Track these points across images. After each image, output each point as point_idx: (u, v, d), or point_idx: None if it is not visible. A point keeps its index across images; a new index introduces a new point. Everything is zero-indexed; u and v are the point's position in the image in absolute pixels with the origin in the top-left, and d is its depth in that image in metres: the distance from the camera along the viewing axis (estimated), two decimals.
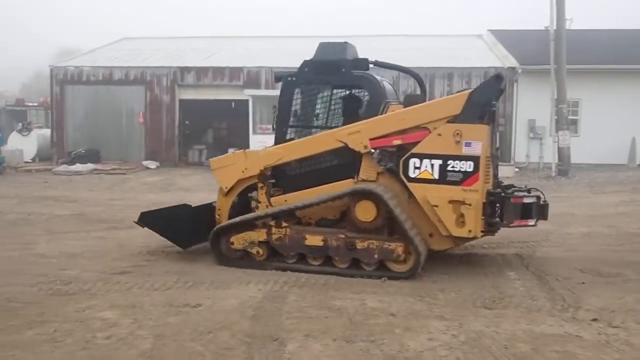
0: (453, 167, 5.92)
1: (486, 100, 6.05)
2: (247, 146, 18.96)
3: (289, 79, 7.20)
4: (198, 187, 14.69)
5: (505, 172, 17.53)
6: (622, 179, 16.03)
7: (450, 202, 5.89)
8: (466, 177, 5.88)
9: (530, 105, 19.68)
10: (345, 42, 7.21)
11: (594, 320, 4.68)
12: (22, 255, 7.03)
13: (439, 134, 6.01)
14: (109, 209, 10.85)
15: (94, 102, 21.22)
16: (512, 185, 6.83)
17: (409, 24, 72.31)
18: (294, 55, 22.79)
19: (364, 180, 6.33)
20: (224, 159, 7.38)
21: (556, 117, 17.43)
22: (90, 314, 4.82)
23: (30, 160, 21.15)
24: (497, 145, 6.85)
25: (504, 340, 4.27)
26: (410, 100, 6.83)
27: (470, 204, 5.83)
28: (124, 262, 6.64)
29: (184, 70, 21.00)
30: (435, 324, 4.64)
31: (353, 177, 6.40)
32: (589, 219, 9.77)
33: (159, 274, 6.08)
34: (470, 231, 5.91)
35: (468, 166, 5.88)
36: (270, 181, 6.79)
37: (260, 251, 6.41)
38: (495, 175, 6.58)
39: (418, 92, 8.38)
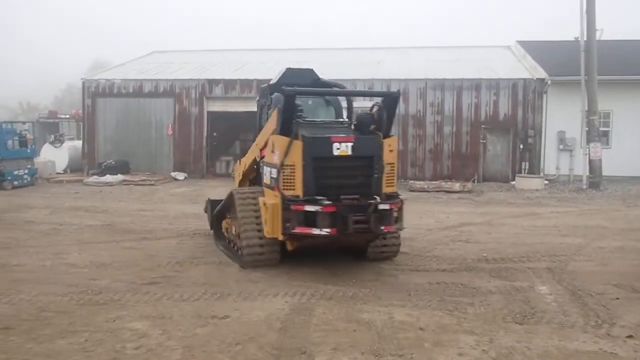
0: (272, 174, 6.84)
1: (287, 114, 6.71)
2: None
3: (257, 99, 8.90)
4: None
5: (535, 185, 17.30)
6: None
7: (265, 205, 6.71)
8: (274, 183, 6.69)
9: (560, 116, 19.38)
10: (304, 69, 8.84)
11: (630, 337, 4.56)
12: (53, 265, 7.16)
13: (270, 146, 7.05)
14: (138, 219, 10.99)
15: (124, 114, 21.60)
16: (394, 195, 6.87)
17: (435, 33, 72.13)
18: (320, 66, 22.92)
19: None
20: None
21: (587, 128, 17.14)
22: (120, 324, 4.88)
23: (62, 172, 21.58)
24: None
25: (536, 357, 4.19)
26: (360, 119, 7.43)
27: (268, 208, 6.60)
28: (153, 272, 6.70)
29: (212, 82, 21.25)
30: (465, 338, 4.57)
31: None
32: (622, 232, 9.54)
33: (187, 285, 6.13)
34: (268, 232, 6.62)
35: (275, 173, 6.70)
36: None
37: None
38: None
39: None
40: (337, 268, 6.92)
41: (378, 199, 6.49)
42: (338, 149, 6.61)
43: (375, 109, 7.19)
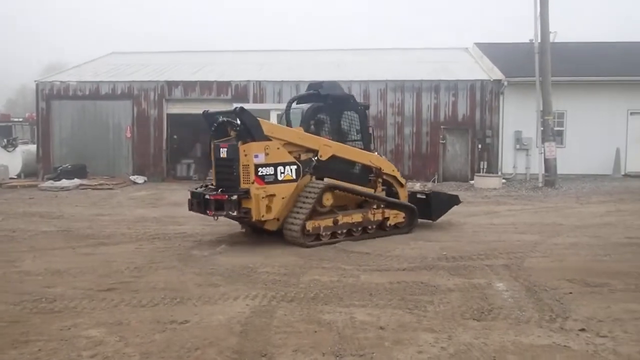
0: None
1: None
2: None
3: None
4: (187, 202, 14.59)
5: (493, 184, 17.67)
6: (607, 189, 16.18)
7: None
8: None
9: (516, 117, 19.86)
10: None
11: (582, 330, 4.70)
12: (6, 273, 6.93)
13: None
14: (96, 224, 10.75)
15: (81, 117, 21.11)
16: None
17: (393, 37, 72.92)
18: (281, 69, 22.95)
19: None
20: None
21: (542, 128, 17.59)
22: (76, 332, 4.76)
23: (15, 177, 20.94)
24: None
25: (493, 352, 4.27)
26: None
27: None
28: (111, 278, 6.57)
29: (172, 84, 20.98)
30: (424, 336, 4.62)
31: None
32: (576, 229, 9.82)
33: (146, 290, 6.03)
34: None
35: None
36: None
37: None
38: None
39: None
40: (299, 270, 6.93)
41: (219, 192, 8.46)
42: (221, 153, 8.72)
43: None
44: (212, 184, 8.99)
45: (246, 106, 19.10)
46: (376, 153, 10.18)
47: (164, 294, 5.85)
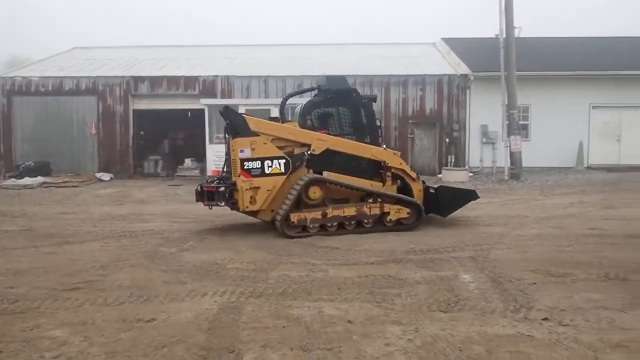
0: None
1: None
2: (204, 156, 18.79)
3: None
4: (154, 199, 14.44)
5: (460, 177, 17.92)
6: (570, 182, 16.57)
7: None
8: None
9: (482, 111, 20.17)
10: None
11: (545, 319, 4.80)
12: None
13: None
14: (60, 223, 10.53)
15: (44, 113, 20.65)
16: None
17: (362, 32, 73.03)
18: (249, 64, 22.80)
19: None
20: None
21: (507, 122, 17.90)
22: (38, 333, 4.65)
23: None
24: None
25: (459, 343, 4.33)
26: None
27: None
28: (75, 277, 6.44)
29: (138, 79, 20.68)
30: (392, 329, 4.66)
31: None
32: (540, 220, 10.03)
33: (112, 289, 5.93)
34: None
35: None
36: None
37: None
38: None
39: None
40: (268, 265, 6.91)
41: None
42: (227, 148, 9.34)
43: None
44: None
45: (214, 102, 19.14)
46: (383, 146, 10.03)
47: (130, 292, 5.77)
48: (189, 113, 20.95)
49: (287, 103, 10.09)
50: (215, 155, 18.07)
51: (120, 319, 4.95)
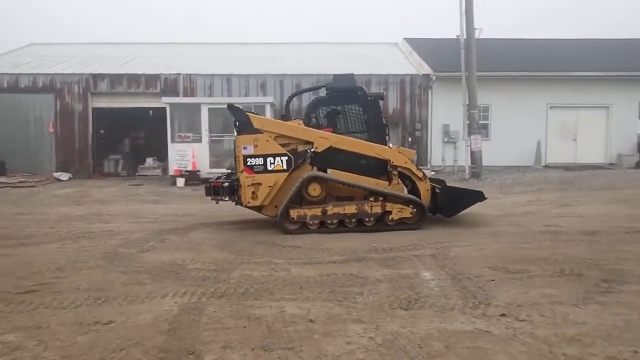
0: None
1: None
2: (166, 156, 18.53)
3: None
4: (115, 199, 14.17)
5: None
6: (528, 180, 16.95)
7: None
8: None
9: (444, 110, 20.47)
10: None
11: (502, 315, 4.89)
12: None
13: None
14: (15, 224, 10.23)
15: None
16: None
17: (324, 31, 73.15)
18: (212, 62, 22.57)
19: None
20: None
21: (468, 122, 18.20)
22: None
23: None
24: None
25: (419, 340, 4.38)
26: None
27: None
28: (30, 280, 6.26)
29: (97, 77, 20.26)
30: (353, 327, 4.68)
31: None
32: (499, 218, 10.23)
33: (69, 291, 5.79)
34: None
35: None
36: None
37: None
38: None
39: None
40: (229, 265, 6.86)
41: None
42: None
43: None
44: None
45: (176, 100, 18.92)
46: (390, 145, 10.04)
47: (87, 295, 5.64)
48: (151, 111, 20.64)
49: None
50: (177, 155, 17.85)
51: (77, 322, 4.83)
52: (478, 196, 9.70)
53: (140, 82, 20.24)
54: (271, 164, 9.10)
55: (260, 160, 9.08)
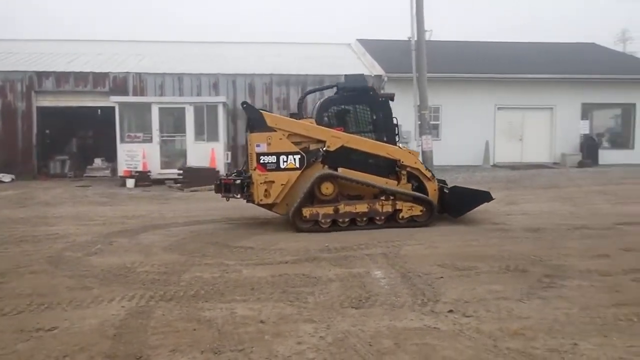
0: None
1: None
2: (115, 156, 18.11)
3: None
4: (61, 201, 13.73)
5: None
6: (477, 179, 17.36)
7: None
8: None
9: (396, 111, 20.64)
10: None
11: (450, 311, 5.00)
12: None
13: None
14: None
15: None
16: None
17: (278, 31, 73.05)
18: (163, 61, 22.17)
19: None
20: None
21: (419, 122, 18.48)
22: None
23: None
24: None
25: (369, 338, 4.42)
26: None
27: None
28: None
29: (42, 75, 19.60)
30: (304, 327, 4.69)
31: None
32: (448, 217, 10.40)
33: (10, 297, 5.58)
34: None
35: None
36: None
37: None
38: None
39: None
40: (180, 268, 6.76)
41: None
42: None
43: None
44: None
45: (125, 99, 18.50)
46: (400, 145, 10.16)
47: (30, 300, 5.45)
48: (99, 111, 20.11)
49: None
50: (126, 155, 17.46)
51: (18, 329, 4.66)
52: (485, 196, 9.88)
53: (87, 80, 19.70)
54: (284, 162, 9.17)
55: (273, 158, 9.14)
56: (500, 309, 5.08)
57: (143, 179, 17.16)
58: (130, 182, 16.94)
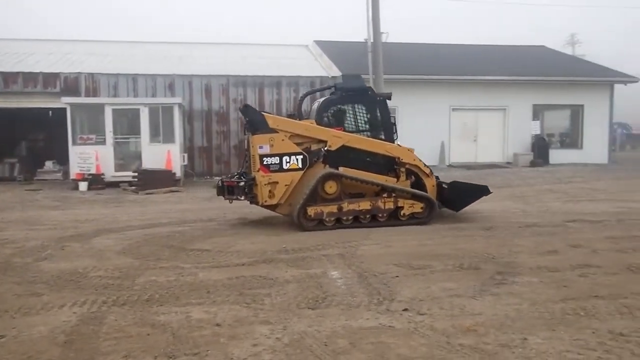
0: None
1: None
2: (67, 159, 17.64)
3: None
4: (9, 205, 13.29)
5: None
6: None
7: None
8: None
9: None
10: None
11: (405, 310, 5.07)
12: None
13: None
14: None
15: None
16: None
17: (235, 31, 72.56)
18: (117, 61, 21.73)
19: None
20: None
21: None
22: None
23: None
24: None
25: (325, 338, 4.44)
26: None
27: None
28: None
29: None
30: (260, 329, 4.68)
31: None
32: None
33: None
34: None
35: None
36: None
37: None
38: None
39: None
40: (134, 272, 6.64)
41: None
42: (246, 145, 10.01)
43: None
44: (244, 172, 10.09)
45: (77, 100, 18.03)
46: (398, 143, 10.26)
47: None
48: (50, 112, 19.54)
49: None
50: (79, 157, 17.01)
51: None
52: (484, 190, 10.21)
53: (37, 80, 19.10)
54: (287, 162, 9.27)
55: (276, 159, 9.23)
56: (453, 306, 5.18)
57: (96, 182, 16.76)
58: (83, 186, 16.52)
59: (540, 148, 22.91)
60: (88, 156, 16.97)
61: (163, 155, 17.20)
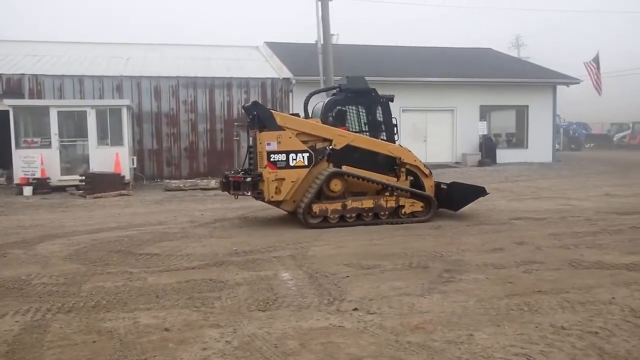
0: None
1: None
2: (11, 163, 17.00)
3: None
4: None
5: None
6: None
7: None
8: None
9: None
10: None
11: (355, 309, 5.14)
12: None
13: None
14: None
15: None
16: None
17: (184, 32, 71.58)
18: (61, 62, 21.11)
19: None
20: None
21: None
22: None
23: None
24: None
25: (275, 340, 4.46)
26: None
27: None
28: None
29: None
30: (210, 332, 4.65)
31: None
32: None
33: None
34: None
35: None
36: None
37: None
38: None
39: None
40: (80, 278, 6.47)
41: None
42: (250, 141, 10.30)
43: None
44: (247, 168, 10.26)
45: (20, 102, 17.41)
46: (399, 143, 10.43)
47: None
48: None
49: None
50: (23, 161, 16.42)
51: None
52: (481, 191, 10.43)
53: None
54: (293, 160, 9.48)
55: (283, 156, 9.42)
56: (402, 304, 5.28)
57: (42, 186, 16.21)
58: (27, 190, 15.95)
59: (487, 148, 23.52)
60: (33, 160, 16.40)
61: (111, 158, 16.79)
